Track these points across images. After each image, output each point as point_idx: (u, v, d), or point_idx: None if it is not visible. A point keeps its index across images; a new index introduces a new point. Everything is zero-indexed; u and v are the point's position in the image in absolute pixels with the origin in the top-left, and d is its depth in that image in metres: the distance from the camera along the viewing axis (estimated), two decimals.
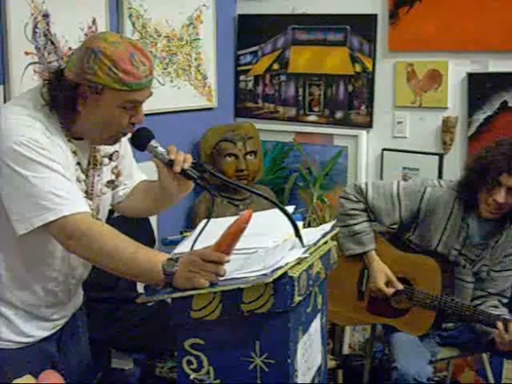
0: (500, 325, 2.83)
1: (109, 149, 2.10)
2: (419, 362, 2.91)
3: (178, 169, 1.93)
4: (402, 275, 3.11)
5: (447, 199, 3.02)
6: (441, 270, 3.02)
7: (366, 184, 3.16)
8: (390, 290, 3.07)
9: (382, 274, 3.08)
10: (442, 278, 3.01)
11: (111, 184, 2.15)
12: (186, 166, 1.93)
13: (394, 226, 3.21)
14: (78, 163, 2.00)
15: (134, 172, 2.26)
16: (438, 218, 3.02)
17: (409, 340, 3.02)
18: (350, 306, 3.20)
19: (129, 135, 2.02)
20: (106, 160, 2.11)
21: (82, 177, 2.01)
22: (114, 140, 2.00)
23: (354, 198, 3.13)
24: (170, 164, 1.94)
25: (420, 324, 3.04)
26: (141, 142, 1.98)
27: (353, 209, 3.13)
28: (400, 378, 2.86)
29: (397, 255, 3.14)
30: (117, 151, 2.14)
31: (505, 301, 3.09)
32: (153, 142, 1.97)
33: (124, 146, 2.16)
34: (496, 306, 3.03)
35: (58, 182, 1.85)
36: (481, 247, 3.03)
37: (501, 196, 2.84)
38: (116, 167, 2.15)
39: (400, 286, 3.07)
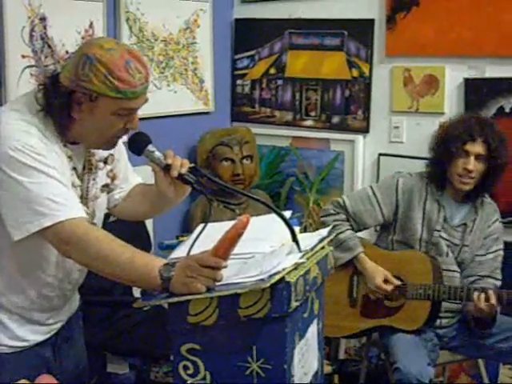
0: (476, 295, 2.92)
1: (103, 152, 2.08)
2: (420, 362, 2.92)
3: (175, 173, 1.92)
4: (393, 273, 3.13)
5: (420, 186, 3.17)
6: (429, 260, 3.08)
7: (342, 197, 3.30)
8: (388, 287, 3.10)
9: (379, 272, 3.13)
10: (432, 267, 3.06)
11: (106, 188, 2.14)
12: (183, 170, 1.93)
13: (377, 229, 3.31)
14: (74, 168, 1.99)
15: (130, 175, 2.25)
16: (415, 205, 3.14)
17: (407, 341, 3.03)
18: (343, 315, 3.21)
19: (125, 139, 2.02)
20: (101, 164, 2.10)
21: (78, 182, 2.00)
22: (110, 145, 2.00)
23: (334, 211, 3.24)
24: (167, 168, 1.94)
25: (415, 316, 3.06)
26: (138, 146, 1.97)
27: (334, 220, 3.21)
28: (403, 378, 2.87)
29: (385, 255, 3.20)
30: (112, 154, 2.13)
31: (498, 284, 3.13)
32: (150, 147, 1.96)
33: (119, 149, 2.15)
34: None
35: (54, 187, 1.84)
36: (460, 229, 3.13)
37: (470, 163, 3.00)
38: (111, 170, 2.15)
39: (397, 282, 3.11)
